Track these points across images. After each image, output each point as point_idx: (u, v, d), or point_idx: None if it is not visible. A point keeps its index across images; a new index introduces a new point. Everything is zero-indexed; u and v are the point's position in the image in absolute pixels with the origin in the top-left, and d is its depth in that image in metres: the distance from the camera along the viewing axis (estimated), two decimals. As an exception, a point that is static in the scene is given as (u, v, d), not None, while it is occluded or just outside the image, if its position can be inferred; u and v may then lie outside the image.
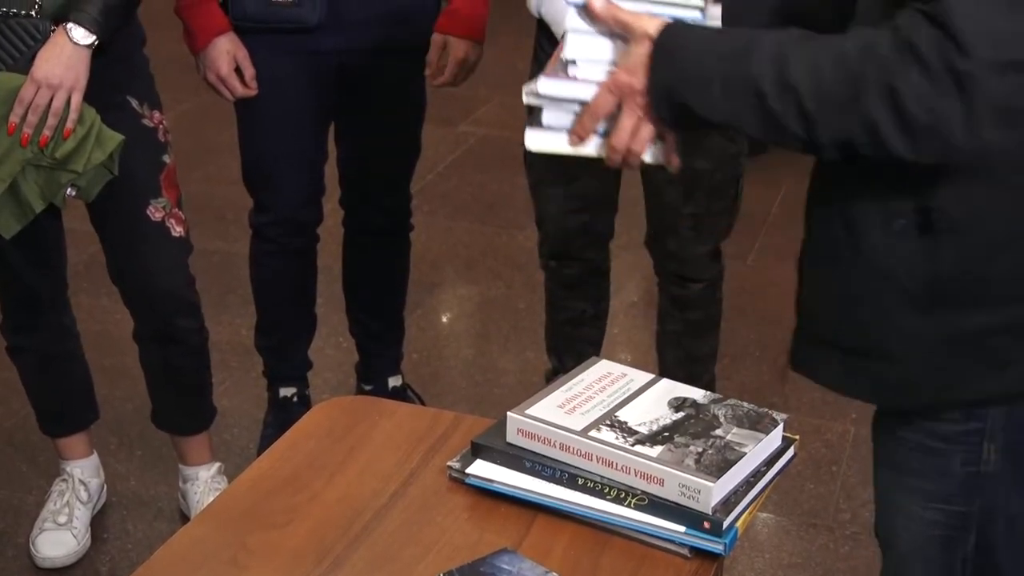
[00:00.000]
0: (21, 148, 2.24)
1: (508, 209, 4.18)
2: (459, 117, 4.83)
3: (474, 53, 2.65)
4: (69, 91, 2.23)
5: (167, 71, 2.61)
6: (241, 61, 2.51)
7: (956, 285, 1.45)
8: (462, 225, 4.13)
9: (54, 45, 2.23)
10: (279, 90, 2.61)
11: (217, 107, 2.90)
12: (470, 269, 3.88)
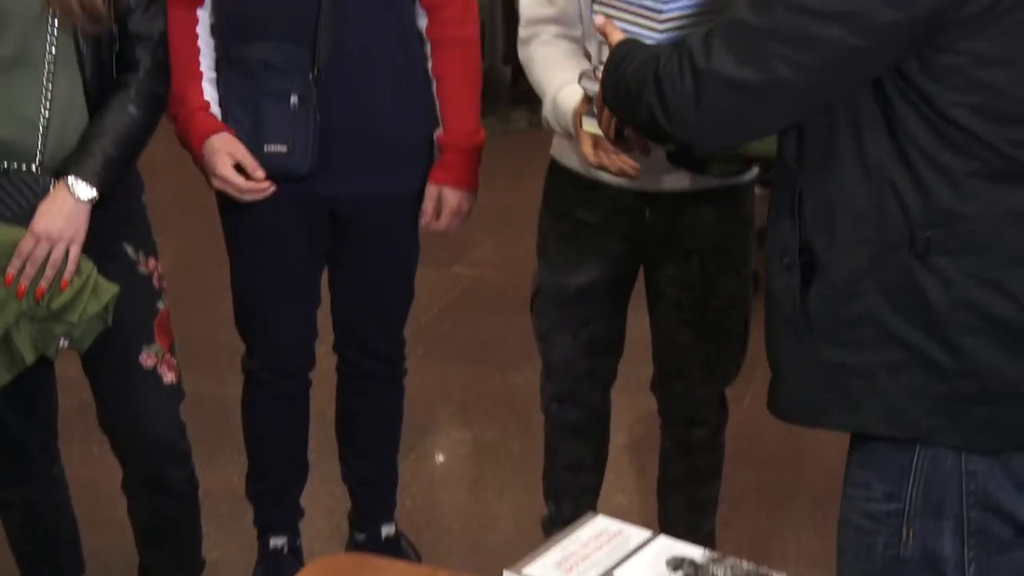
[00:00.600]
0: (16, 300, 2.25)
1: (503, 351, 4.18)
2: (452, 258, 4.86)
3: (468, 202, 2.67)
4: (68, 244, 2.25)
5: (164, 213, 2.65)
6: (240, 158, 2.49)
7: (820, 321, 1.69)
8: (456, 367, 4.13)
9: (55, 199, 2.25)
10: (272, 236, 2.63)
11: (212, 249, 2.92)
12: (465, 412, 3.87)
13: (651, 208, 2.49)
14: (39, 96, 2.25)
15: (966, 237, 1.60)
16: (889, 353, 1.66)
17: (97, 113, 2.30)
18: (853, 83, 1.60)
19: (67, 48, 2.25)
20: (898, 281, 1.64)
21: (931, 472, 1.68)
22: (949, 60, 1.55)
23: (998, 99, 1.57)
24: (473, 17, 2.70)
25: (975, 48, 1.54)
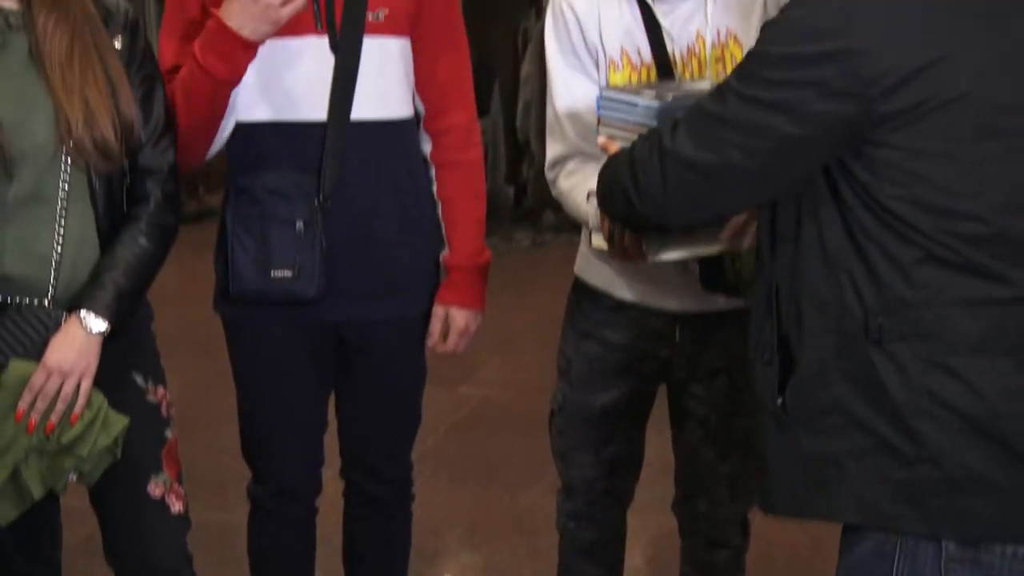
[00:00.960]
0: (26, 435, 2.25)
1: (511, 471, 4.17)
2: (459, 378, 4.85)
3: (475, 322, 2.68)
4: (79, 377, 2.26)
5: (171, 340, 2.65)
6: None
7: (797, 411, 1.77)
8: (464, 489, 4.10)
9: (67, 333, 2.26)
10: (278, 362, 2.63)
11: (218, 375, 2.93)
12: (473, 535, 3.83)
13: (681, 329, 2.51)
14: (52, 232, 2.27)
15: (917, 323, 1.68)
16: (856, 440, 1.72)
17: (109, 246, 2.32)
18: (799, 170, 1.72)
19: (80, 185, 2.28)
20: (860, 368, 1.71)
21: (912, 566, 1.71)
22: (884, 154, 1.65)
23: (933, 192, 1.65)
24: (477, 141, 2.73)
25: (907, 143, 1.64)
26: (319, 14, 2.47)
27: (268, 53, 2.44)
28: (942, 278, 1.67)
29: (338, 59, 2.49)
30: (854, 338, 1.71)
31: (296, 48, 2.47)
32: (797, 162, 1.72)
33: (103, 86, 2.25)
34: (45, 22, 2.23)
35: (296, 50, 2.48)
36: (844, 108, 1.64)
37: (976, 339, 1.68)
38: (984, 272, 1.67)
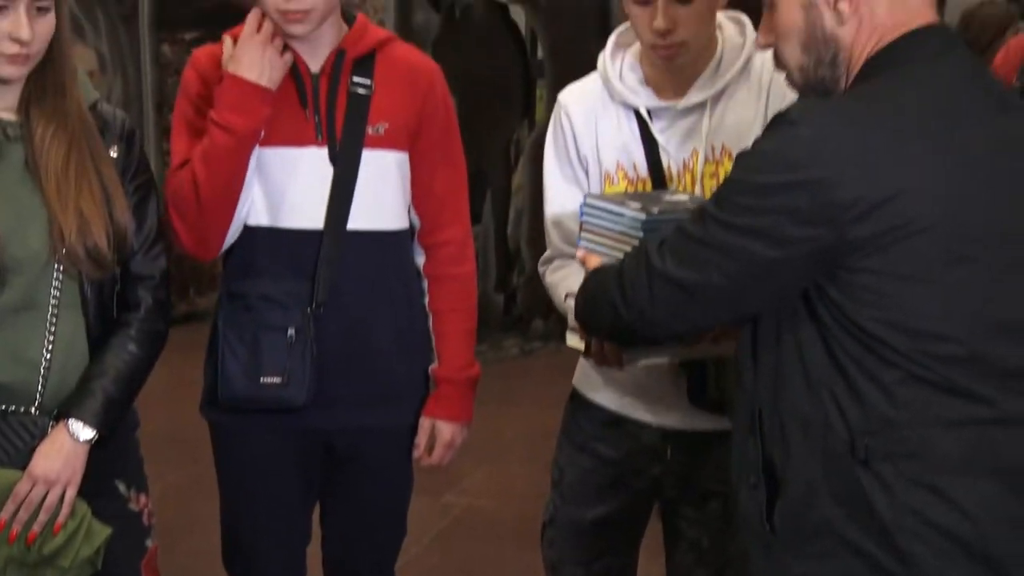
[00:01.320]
0: (7, 545, 2.23)
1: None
2: (443, 487, 4.82)
3: (461, 435, 2.69)
4: (64, 487, 2.25)
5: (156, 443, 2.64)
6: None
7: (785, 535, 1.77)
8: (447, 601, 4.07)
9: (54, 441, 2.26)
10: (264, 470, 2.62)
11: (203, 480, 2.92)
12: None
13: (673, 447, 2.50)
14: (42, 339, 2.27)
15: (902, 442, 1.69)
16: (846, 562, 1.72)
17: (98, 352, 2.32)
18: (775, 290, 1.77)
19: (71, 292, 2.29)
20: (847, 489, 1.71)
21: None
22: (859, 278, 1.69)
23: (907, 315, 1.68)
24: (470, 255, 2.75)
25: (880, 267, 1.68)
26: (320, 126, 2.51)
27: (268, 161, 2.49)
28: (923, 397, 1.69)
29: (337, 170, 2.52)
30: (840, 458, 1.71)
31: (296, 157, 2.51)
32: (773, 283, 1.76)
33: (98, 195, 2.27)
34: (43, 133, 2.26)
35: (296, 159, 2.51)
36: (817, 234, 1.68)
37: (959, 459, 1.69)
38: (964, 392, 1.69)
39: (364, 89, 2.53)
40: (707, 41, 2.42)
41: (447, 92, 2.66)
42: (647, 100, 2.46)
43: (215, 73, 2.49)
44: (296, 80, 2.51)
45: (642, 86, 2.47)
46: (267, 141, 2.48)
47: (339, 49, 2.53)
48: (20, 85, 2.27)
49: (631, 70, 2.49)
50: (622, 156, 2.48)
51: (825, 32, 1.80)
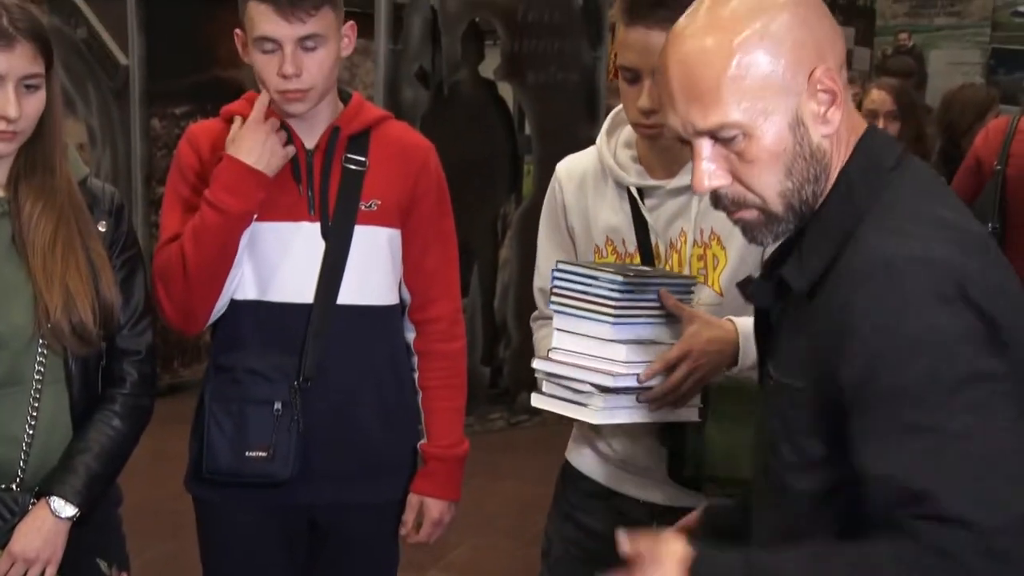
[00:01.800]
0: None
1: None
2: (429, 562, 4.79)
3: (449, 513, 2.69)
4: (44, 565, 2.25)
5: (137, 517, 2.64)
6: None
7: None
8: None
9: (35, 519, 2.26)
10: (248, 545, 2.62)
11: (184, 554, 2.91)
12: None
13: (658, 521, 2.49)
14: (24, 416, 2.27)
15: None
16: None
17: (82, 428, 2.32)
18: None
19: (55, 368, 2.29)
20: None
21: None
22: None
23: None
24: (461, 332, 2.76)
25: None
26: (313, 201, 2.53)
27: (260, 235, 2.51)
28: None
29: (329, 245, 2.53)
30: None
31: (288, 232, 2.53)
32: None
33: (85, 271, 2.28)
34: (31, 209, 2.27)
35: (288, 234, 2.53)
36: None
37: None
38: None
39: (358, 166, 2.56)
40: None
41: (440, 170, 2.69)
42: (638, 178, 2.45)
43: (210, 149, 2.53)
44: (293, 157, 2.53)
45: (634, 164, 2.47)
46: (260, 215, 2.50)
47: (334, 126, 2.56)
48: (10, 161, 2.29)
49: (625, 147, 2.50)
50: (612, 232, 2.48)
51: (812, 148, 1.64)
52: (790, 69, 1.61)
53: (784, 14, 1.62)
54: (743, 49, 1.60)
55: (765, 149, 1.62)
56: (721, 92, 1.60)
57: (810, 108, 1.62)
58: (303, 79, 2.43)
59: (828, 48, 1.64)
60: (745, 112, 1.61)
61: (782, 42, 1.61)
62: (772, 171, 1.63)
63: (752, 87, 1.60)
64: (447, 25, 6.35)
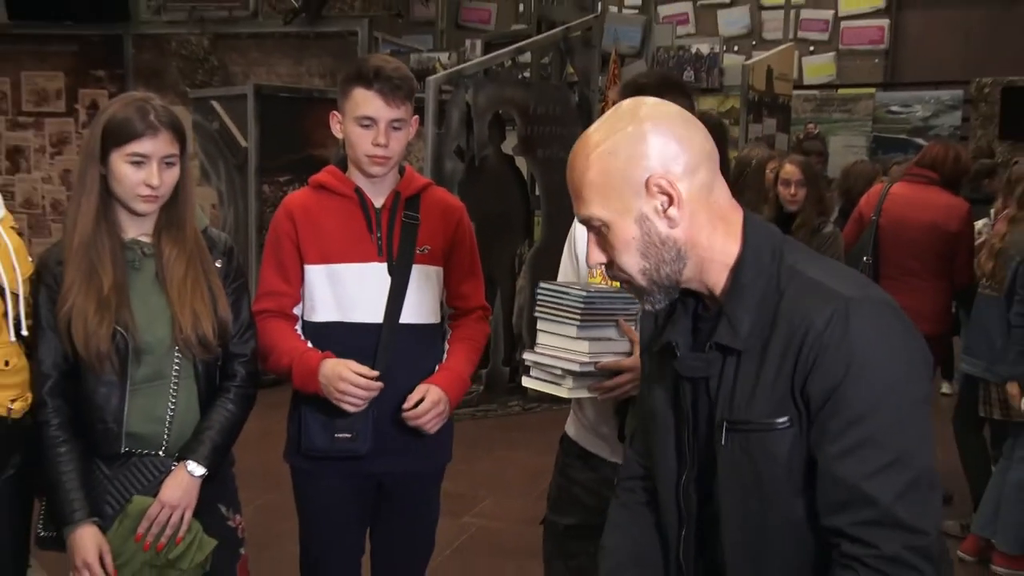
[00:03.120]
0: (143, 552, 2.23)
1: (500, 585, 4.06)
2: (462, 510, 4.77)
3: (445, 406, 2.54)
4: (184, 510, 2.25)
5: (247, 477, 2.61)
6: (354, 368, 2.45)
7: None
8: (464, 601, 4.00)
9: (176, 476, 2.26)
10: (332, 503, 2.59)
11: (281, 505, 2.89)
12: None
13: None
14: (166, 402, 2.28)
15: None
16: None
17: (206, 411, 2.33)
18: None
19: (187, 368, 2.30)
20: None
21: None
22: None
23: None
24: (485, 328, 2.73)
25: None
26: (381, 246, 2.51)
27: (342, 273, 2.49)
28: None
29: (393, 280, 2.51)
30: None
31: (362, 270, 2.51)
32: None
33: (206, 298, 2.28)
34: (169, 253, 2.28)
35: (362, 271, 2.51)
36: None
37: None
38: None
39: (413, 220, 2.55)
40: None
41: (470, 222, 2.69)
42: None
43: (300, 213, 2.53)
44: (365, 213, 2.52)
45: None
46: (342, 259, 2.49)
47: (396, 191, 2.55)
48: (153, 218, 2.30)
49: None
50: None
51: (662, 237, 1.53)
52: (630, 177, 1.52)
53: (640, 130, 1.53)
54: (597, 160, 1.54)
55: (619, 238, 1.55)
56: (584, 192, 1.56)
57: (654, 205, 1.52)
58: (389, 149, 2.45)
59: (672, 158, 1.52)
60: (602, 208, 1.55)
61: (624, 153, 1.52)
62: (629, 254, 1.56)
63: (603, 190, 1.54)
64: (478, 115, 6.36)
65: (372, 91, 2.42)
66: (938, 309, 4.66)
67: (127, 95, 2.27)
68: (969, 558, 4.33)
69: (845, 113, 11.24)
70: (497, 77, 6.80)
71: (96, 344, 2.19)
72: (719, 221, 1.56)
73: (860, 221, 4.89)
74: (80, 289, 2.20)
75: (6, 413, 2.22)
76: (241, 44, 8.57)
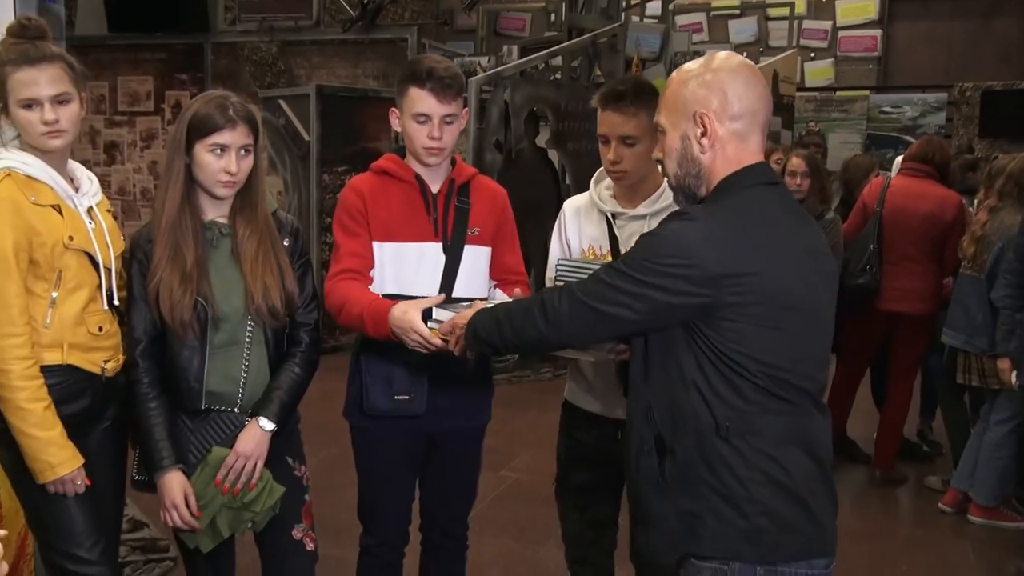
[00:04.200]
0: (221, 496, 2.25)
1: (533, 531, 4.04)
2: (500, 464, 4.77)
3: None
4: (256, 460, 2.25)
5: (311, 432, 2.60)
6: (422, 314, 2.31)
7: (673, 483, 1.76)
8: (501, 543, 3.98)
9: (249, 430, 2.26)
10: (388, 457, 2.57)
11: (341, 458, 2.88)
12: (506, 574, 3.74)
13: (622, 431, 2.45)
14: (240, 364, 2.28)
15: (749, 424, 1.71)
16: (716, 502, 1.72)
17: (275, 373, 2.32)
18: (665, 323, 1.75)
19: (258, 334, 2.29)
20: (715, 455, 1.72)
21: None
22: (727, 324, 1.70)
23: (755, 349, 1.70)
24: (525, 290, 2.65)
25: (741, 319, 1.69)
26: (436, 227, 2.49)
27: (402, 251, 2.46)
28: (762, 397, 1.72)
29: (447, 258, 2.49)
30: (709, 435, 1.73)
31: (420, 249, 2.48)
32: (666, 319, 1.74)
33: (276, 272, 2.27)
34: (243, 232, 2.27)
35: (420, 250, 2.48)
36: (704, 292, 1.68)
37: (780, 435, 1.73)
38: (783, 397, 1.73)
39: (465, 205, 2.53)
40: (647, 175, 2.44)
41: (511, 208, 2.66)
42: (612, 207, 2.50)
43: (366, 191, 2.49)
44: (424, 197, 2.50)
45: (611, 198, 2.51)
46: (404, 238, 2.46)
47: (450, 178, 2.53)
48: (230, 201, 2.29)
49: (606, 188, 2.54)
50: (594, 241, 2.51)
51: (692, 155, 1.80)
52: (686, 105, 1.79)
53: (701, 75, 1.78)
54: (676, 85, 1.81)
55: (668, 144, 1.83)
56: (661, 103, 1.85)
57: (693, 131, 1.79)
58: (443, 141, 2.42)
59: (719, 104, 1.77)
60: (665, 119, 1.83)
61: (689, 88, 1.79)
62: (670, 160, 1.83)
63: (670, 106, 1.82)
64: (514, 112, 6.32)
65: (426, 90, 2.38)
66: (932, 290, 4.68)
67: (209, 93, 2.26)
68: (949, 510, 4.41)
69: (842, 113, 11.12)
70: (532, 78, 6.74)
71: (180, 313, 2.19)
72: (737, 164, 1.78)
73: (864, 211, 4.84)
74: (167, 264, 2.21)
75: (100, 372, 2.23)
76: (305, 50, 8.60)
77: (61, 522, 2.17)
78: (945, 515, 4.37)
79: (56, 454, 2.11)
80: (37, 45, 2.11)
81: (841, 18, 11.37)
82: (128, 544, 3.55)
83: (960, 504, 4.37)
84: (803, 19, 11.45)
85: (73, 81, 2.14)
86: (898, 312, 4.61)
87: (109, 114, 9.09)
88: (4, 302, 2.07)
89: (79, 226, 2.19)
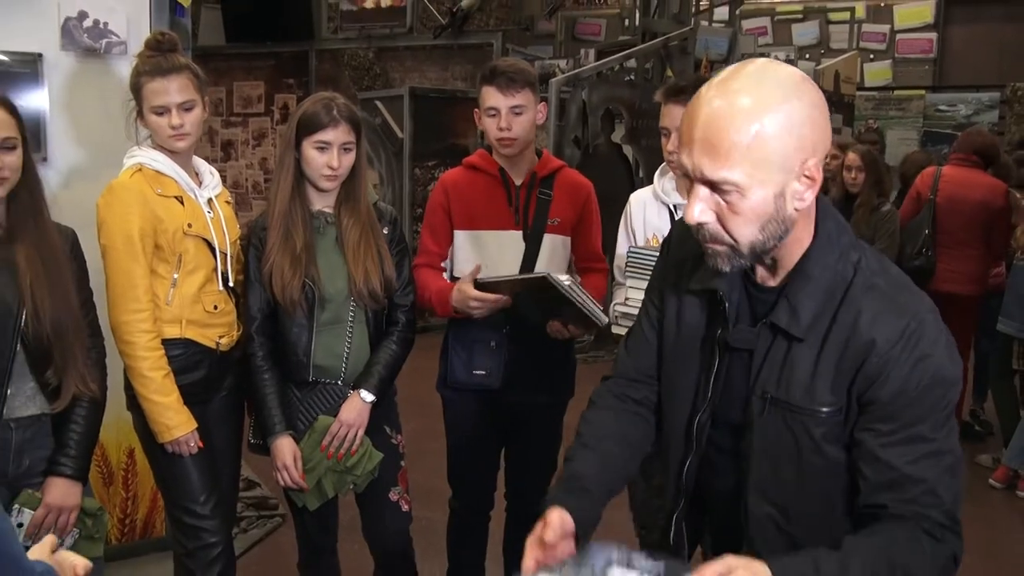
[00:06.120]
0: (326, 460, 2.26)
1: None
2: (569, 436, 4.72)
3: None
4: (358, 428, 2.25)
5: (406, 404, 2.60)
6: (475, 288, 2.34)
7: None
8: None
9: (351, 401, 2.26)
10: (474, 426, 2.56)
11: (433, 428, 2.87)
12: (581, 535, 3.70)
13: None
14: (343, 341, 2.28)
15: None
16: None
17: (375, 350, 2.32)
18: None
19: (360, 315, 2.29)
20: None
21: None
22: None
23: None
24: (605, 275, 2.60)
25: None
26: (518, 216, 2.46)
27: (484, 238, 2.45)
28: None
29: (528, 246, 2.46)
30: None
31: (500, 236, 2.47)
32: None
33: (375, 258, 2.27)
34: (347, 221, 2.27)
35: (500, 237, 2.47)
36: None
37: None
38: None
39: (546, 196, 2.49)
40: None
41: (595, 199, 2.60)
42: (674, 199, 2.45)
43: (452, 187, 2.49)
44: (506, 188, 2.47)
45: (673, 190, 2.46)
46: (485, 226, 2.45)
47: (533, 171, 2.49)
48: (335, 192, 2.29)
49: (669, 181, 2.49)
50: (656, 230, 2.46)
51: (785, 215, 1.26)
52: (791, 154, 1.22)
53: (805, 107, 1.23)
54: (765, 124, 1.20)
55: (751, 208, 1.25)
56: (732, 153, 1.21)
57: (794, 187, 1.25)
58: (511, 132, 2.38)
59: (820, 143, 1.25)
60: (746, 176, 1.22)
61: (793, 130, 1.22)
62: (751, 225, 1.26)
63: (759, 158, 1.21)
64: (592, 110, 6.26)
65: (492, 86, 2.38)
66: (982, 273, 4.66)
67: (318, 95, 2.27)
68: (999, 485, 4.40)
69: (900, 111, 10.79)
70: (607, 79, 6.65)
71: (290, 293, 2.21)
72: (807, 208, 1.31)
73: (918, 200, 4.78)
74: (279, 249, 2.22)
75: (215, 346, 2.26)
76: (399, 55, 8.65)
77: (179, 479, 2.22)
78: (995, 490, 4.35)
79: (172, 418, 2.15)
80: (168, 57, 2.14)
81: (899, 22, 11.02)
82: (243, 501, 3.62)
83: (1010, 480, 4.33)
84: (862, 23, 11.12)
85: (197, 88, 2.17)
86: (948, 292, 4.48)
87: (225, 116, 9.31)
88: (131, 282, 2.11)
89: (198, 215, 2.22)
